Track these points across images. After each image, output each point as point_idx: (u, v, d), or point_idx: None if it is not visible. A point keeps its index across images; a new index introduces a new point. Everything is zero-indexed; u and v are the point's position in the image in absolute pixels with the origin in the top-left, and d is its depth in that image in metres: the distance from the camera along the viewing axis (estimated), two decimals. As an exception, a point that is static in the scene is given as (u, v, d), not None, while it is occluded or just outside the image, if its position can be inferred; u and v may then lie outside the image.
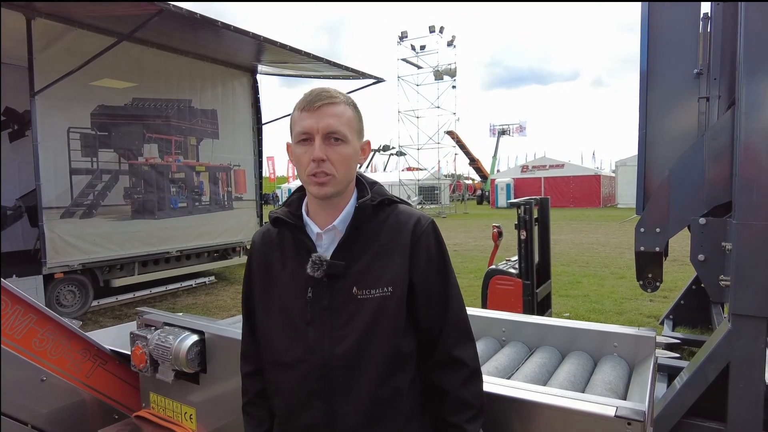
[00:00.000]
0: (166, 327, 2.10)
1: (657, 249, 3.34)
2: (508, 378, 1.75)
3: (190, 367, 1.99)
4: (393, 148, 33.44)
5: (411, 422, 1.15)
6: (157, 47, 7.28)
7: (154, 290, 7.51)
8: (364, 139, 1.20)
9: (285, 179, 46.32)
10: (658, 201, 3.26)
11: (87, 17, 6.14)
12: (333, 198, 1.13)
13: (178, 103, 7.74)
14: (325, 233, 1.14)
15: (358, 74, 8.23)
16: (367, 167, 48.51)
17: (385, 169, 44.49)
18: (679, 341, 4.40)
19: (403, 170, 29.62)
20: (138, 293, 7.23)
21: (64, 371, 2.26)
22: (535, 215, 4.58)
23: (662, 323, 5.21)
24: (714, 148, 3.02)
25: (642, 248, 3.37)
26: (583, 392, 1.60)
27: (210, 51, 7.85)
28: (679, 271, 7.90)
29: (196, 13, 5.52)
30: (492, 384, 1.38)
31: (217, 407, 2.01)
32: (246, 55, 8.15)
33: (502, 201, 28.54)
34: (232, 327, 2.12)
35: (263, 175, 9.44)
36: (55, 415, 2.22)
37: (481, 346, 2.07)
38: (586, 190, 27.13)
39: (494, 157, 41.91)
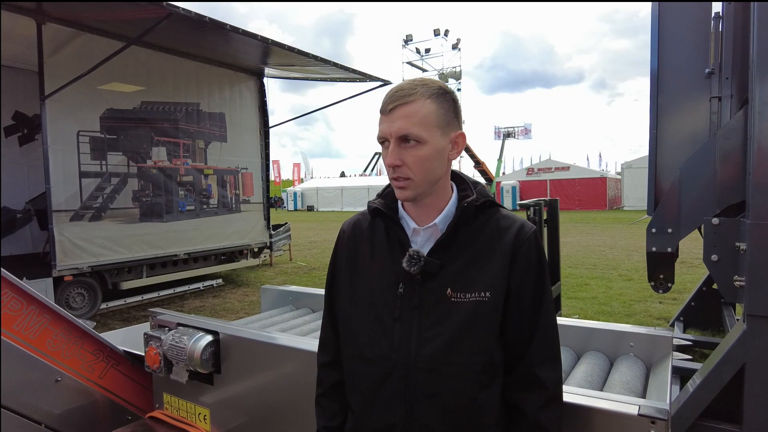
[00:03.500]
0: (180, 327, 2.10)
1: (669, 250, 3.32)
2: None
3: (205, 367, 1.99)
4: (398, 151, 33.45)
5: None
6: (165, 51, 7.33)
7: (162, 293, 7.54)
8: (456, 132, 1.11)
9: (290, 183, 46.42)
10: (669, 201, 3.24)
11: (96, 21, 6.19)
12: (424, 198, 1.11)
13: (186, 106, 7.78)
14: (424, 230, 1.11)
15: (365, 77, 8.24)
16: (372, 170, 48.58)
17: (389, 172, 44.46)
18: (690, 343, 4.37)
19: (408, 173, 29.60)
20: (146, 296, 7.26)
21: (78, 372, 2.27)
22: (544, 217, 4.57)
23: (672, 325, 5.17)
24: (726, 148, 3.00)
25: (654, 249, 3.35)
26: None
27: (218, 54, 7.89)
28: (687, 272, 7.84)
29: (204, 17, 5.55)
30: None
31: (231, 408, 2.01)
32: (253, 58, 8.19)
33: (507, 203, 28.49)
34: (247, 328, 2.12)
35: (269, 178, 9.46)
36: (68, 415, 2.23)
37: (495, 347, 2.06)
38: (592, 192, 27.03)
39: (499, 159, 41.79)
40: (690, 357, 4.05)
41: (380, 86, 8.57)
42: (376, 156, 48.93)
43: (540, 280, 1.10)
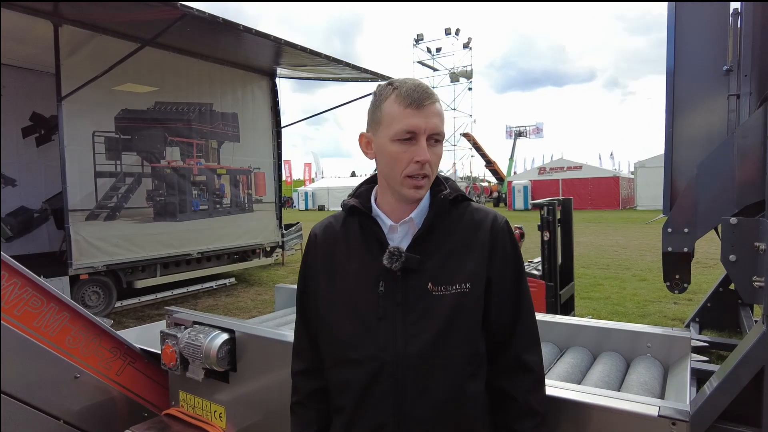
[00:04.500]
0: (196, 326, 2.12)
1: (685, 249, 3.27)
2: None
3: (221, 365, 2.00)
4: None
5: (477, 424, 1.11)
6: (179, 52, 7.39)
7: (176, 291, 7.61)
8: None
9: (301, 183, 46.58)
10: (686, 201, 3.20)
11: (111, 23, 6.26)
12: None
13: (199, 106, 7.84)
14: (401, 226, 1.11)
15: (377, 76, 8.25)
16: (382, 170, 48.52)
17: (400, 172, 44.48)
18: (707, 344, 4.30)
19: (418, 173, 29.56)
20: (160, 294, 7.33)
21: (96, 369, 2.29)
22: (558, 216, 4.54)
23: (688, 326, 5.10)
24: (745, 146, 2.95)
25: (669, 249, 3.31)
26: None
27: (230, 55, 7.94)
28: (702, 273, 7.74)
29: (218, 17, 5.59)
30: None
31: (247, 406, 2.02)
32: (265, 58, 8.23)
33: (519, 203, 28.30)
34: (262, 326, 2.13)
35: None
36: (86, 411, 2.25)
37: (510, 347, 2.05)
38: (605, 192, 26.78)
39: (511, 159, 41.57)
40: (707, 359, 3.99)
41: (391, 85, 8.57)
42: (387, 155, 48.93)
43: (517, 268, 1.16)
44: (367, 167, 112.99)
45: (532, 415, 1.12)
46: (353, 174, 49.90)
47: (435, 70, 26.15)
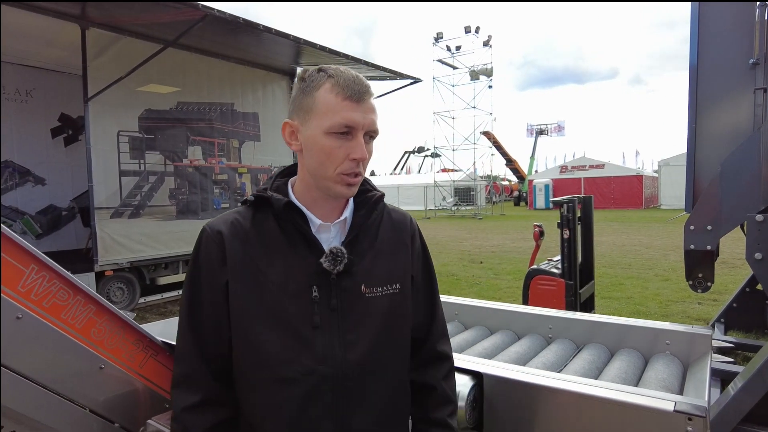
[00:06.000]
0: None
1: (708, 248, 3.20)
2: (557, 374, 1.72)
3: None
4: (428, 149, 33.35)
5: (407, 421, 1.12)
6: (200, 52, 7.52)
7: (197, 288, 7.74)
8: None
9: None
10: (709, 198, 3.13)
11: (135, 25, 6.41)
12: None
13: (220, 106, 7.96)
14: (334, 225, 1.03)
15: (396, 75, 8.25)
16: (402, 169, 48.54)
17: (419, 171, 44.39)
18: (732, 345, 4.21)
19: (438, 172, 29.47)
20: (181, 291, 7.47)
21: (120, 360, 2.35)
22: (578, 214, 4.48)
23: (713, 326, 4.99)
24: (771, 142, 2.88)
25: (692, 247, 3.24)
26: (635, 390, 1.56)
27: (251, 55, 8.04)
28: (729, 273, 7.55)
29: (239, 18, 5.67)
30: (545, 378, 1.36)
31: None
32: (285, 58, 8.31)
33: (540, 202, 27.98)
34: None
35: None
36: (111, 401, 2.32)
37: (526, 343, 2.04)
38: (628, 190, 26.28)
39: (532, 157, 41.17)
40: (731, 360, 3.90)
41: (411, 83, 8.56)
42: (406, 155, 48.89)
43: (431, 265, 1.19)
44: (386, 165, 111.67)
45: (449, 403, 1.15)
46: (373, 173, 49.98)
47: (455, 68, 25.98)
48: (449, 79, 26.12)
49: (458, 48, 25.12)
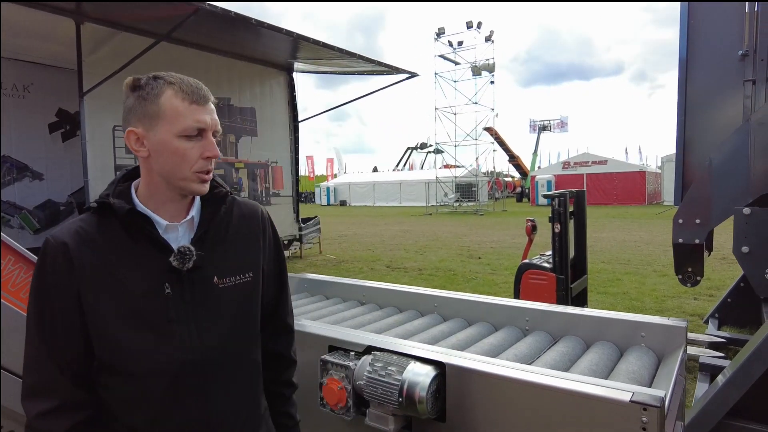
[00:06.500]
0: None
1: (696, 241, 3.18)
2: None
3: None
4: (431, 145, 33.28)
5: (262, 393, 1.24)
6: (197, 47, 7.52)
7: (195, 283, 7.76)
8: None
9: (324, 178, 46.89)
10: (698, 190, 3.11)
11: (131, 20, 6.42)
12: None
13: (217, 101, 7.95)
14: (181, 225, 1.09)
15: (392, 69, 8.23)
16: (404, 166, 48.48)
17: (422, 167, 44.36)
18: (724, 340, 4.18)
19: (440, 168, 29.43)
20: (179, 286, 7.49)
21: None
22: (571, 209, 4.46)
23: (707, 322, 4.97)
24: (760, 134, 2.85)
25: (680, 240, 3.22)
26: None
27: (247, 50, 8.04)
28: (728, 269, 7.50)
29: (230, 11, 5.67)
30: (506, 368, 1.35)
31: None
32: (282, 53, 8.31)
33: (543, 198, 27.88)
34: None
35: (302, 173, 9.61)
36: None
37: (502, 335, 2.03)
38: (630, 187, 26.14)
39: (534, 153, 41.04)
40: (722, 355, 3.88)
41: (407, 78, 8.54)
42: (408, 151, 48.84)
43: (281, 250, 1.30)
44: (388, 162, 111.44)
45: (293, 366, 1.35)
46: (375, 169, 49.98)
47: (456, 63, 25.86)
48: (451, 75, 26.05)
49: (460, 43, 25.00)
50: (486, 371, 1.35)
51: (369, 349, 1.58)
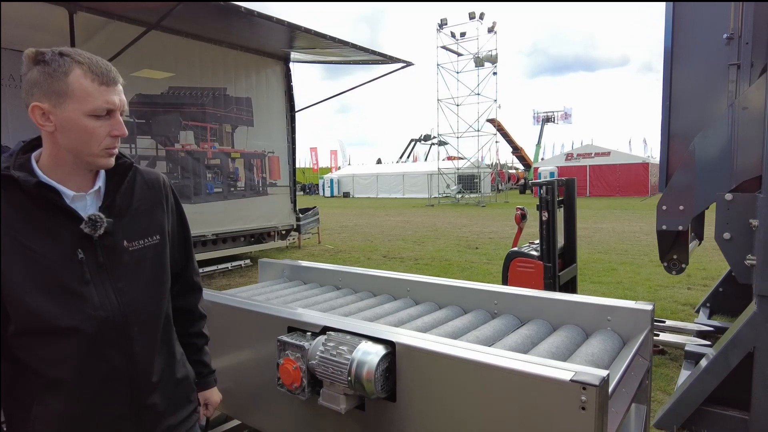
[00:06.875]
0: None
1: (680, 228, 3.15)
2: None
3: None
4: (434, 137, 33.13)
5: (176, 343, 1.35)
6: (193, 37, 7.49)
7: (191, 272, 7.79)
8: None
9: (328, 170, 46.83)
10: (681, 177, 3.07)
11: (123, 9, 6.39)
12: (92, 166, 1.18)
13: (213, 91, 7.95)
14: (89, 195, 1.15)
15: (387, 58, 8.17)
16: (408, 158, 48.33)
17: (426, 159, 44.22)
18: (712, 329, 4.16)
19: (444, 160, 29.31)
20: (175, 275, 7.52)
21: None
22: (559, 197, 4.43)
23: (698, 311, 4.94)
24: (744, 118, 2.81)
25: (664, 227, 3.20)
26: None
27: (243, 40, 8.00)
28: (724, 259, 7.44)
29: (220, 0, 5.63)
30: (453, 347, 1.35)
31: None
32: (277, 42, 8.26)
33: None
34: (224, 294, 2.17)
35: (306, 165, 9.59)
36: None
37: (469, 318, 2.03)
38: (634, 178, 25.95)
39: (538, 145, 40.80)
40: (709, 343, 3.85)
41: (402, 67, 8.48)
42: (412, 143, 48.68)
43: (184, 215, 1.40)
44: (392, 154, 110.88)
45: (203, 319, 1.49)
46: (379, 161, 49.88)
47: (459, 54, 25.67)
48: (453, 66, 25.86)
49: (463, 34, 24.80)
50: (433, 350, 1.35)
51: (324, 330, 1.58)
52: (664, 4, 3.21)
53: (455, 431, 1.32)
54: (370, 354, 1.39)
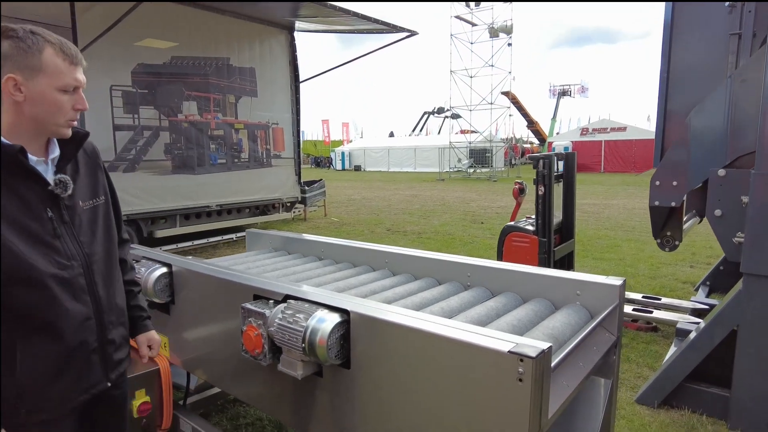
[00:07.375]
0: (143, 260, 2.20)
1: (673, 204, 3.09)
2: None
3: (160, 297, 2.09)
4: (448, 110, 32.64)
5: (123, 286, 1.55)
6: (195, 6, 7.40)
7: (196, 242, 7.89)
8: None
9: (339, 143, 46.59)
10: (676, 151, 3.00)
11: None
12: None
13: (216, 61, 7.89)
14: (51, 160, 1.31)
15: (390, 27, 8.01)
16: (421, 131, 47.83)
17: (439, 132, 43.74)
18: (707, 307, 4.12)
19: (457, 133, 28.95)
20: (181, 244, 7.63)
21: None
22: (558, 171, 4.37)
23: (697, 289, 4.89)
24: (742, 91, 2.71)
25: (657, 203, 3.14)
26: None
27: (247, 9, 7.88)
28: (733, 237, 7.32)
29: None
30: (404, 317, 1.35)
31: (187, 337, 2.11)
32: (282, 11, 8.13)
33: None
34: (197, 261, 2.20)
35: (318, 138, 9.54)
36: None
37: (440, 290, 2.03)
38: (650, 154, 25.32)
39: (553, 119, 40.09)
40: (701, 321, 3.82)
41: (406, 37, 8.31)
42: (426, 116, 48.09)
43: (110, 180, 1.54)
44: (405, 126, 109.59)
45: (133, 269, 1.68)
46: (391, 134, 49.44)
47: (474, 24, 25.05)
48: (468, 36, 25.26)
49: (477, 3, 24.15)
50: (384, 319, 1.35)
51: (286, 298, 1.60)
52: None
53: (405, 399, 1.34)
54: (325, 321, 1.40)
